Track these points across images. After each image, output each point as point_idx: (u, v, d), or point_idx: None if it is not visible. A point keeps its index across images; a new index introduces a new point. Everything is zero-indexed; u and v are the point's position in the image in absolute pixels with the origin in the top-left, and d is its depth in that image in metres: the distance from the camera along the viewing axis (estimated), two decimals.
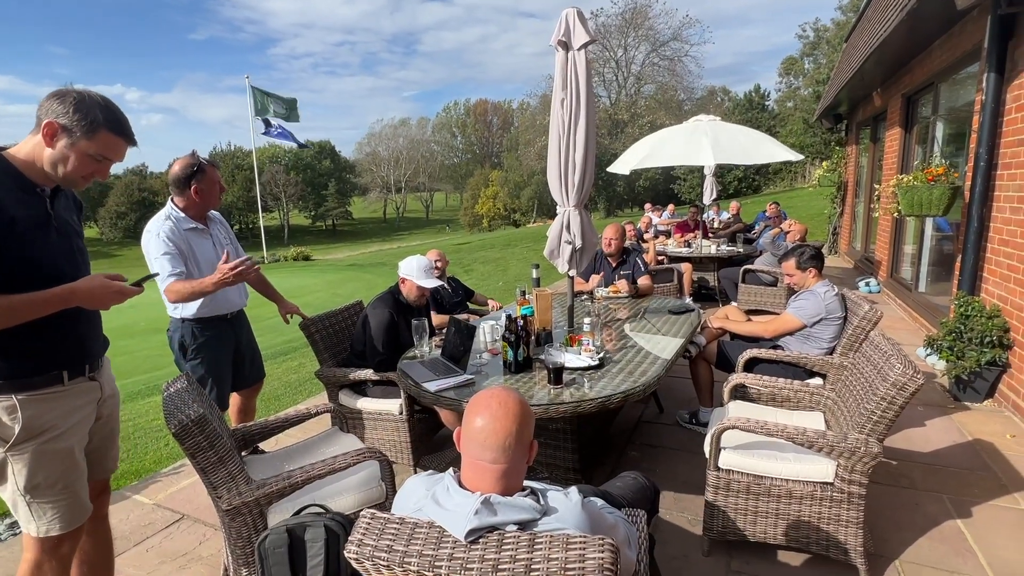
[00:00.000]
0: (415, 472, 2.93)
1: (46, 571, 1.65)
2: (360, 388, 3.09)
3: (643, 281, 4.23)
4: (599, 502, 1.40)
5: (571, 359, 2.55)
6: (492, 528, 1.09)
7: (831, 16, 35.33)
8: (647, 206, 13.12)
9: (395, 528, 1.13)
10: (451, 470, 1.22)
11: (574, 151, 2.88)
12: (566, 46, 2.79)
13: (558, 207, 3.04)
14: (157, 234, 2.49)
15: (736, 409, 2.66)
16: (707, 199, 8.30)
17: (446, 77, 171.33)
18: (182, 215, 2.59)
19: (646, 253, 6.64)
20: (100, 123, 1.52)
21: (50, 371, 1.57)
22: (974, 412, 3.66)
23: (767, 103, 39.29)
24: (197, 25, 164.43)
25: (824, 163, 11.79)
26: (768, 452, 2.21)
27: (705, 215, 9.22)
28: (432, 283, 3.08)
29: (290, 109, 20.74)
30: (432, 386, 2.38)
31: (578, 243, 3.01)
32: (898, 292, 6.55)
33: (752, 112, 37.07)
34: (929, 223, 5.82)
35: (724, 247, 7.39)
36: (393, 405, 2.93)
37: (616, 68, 39.29)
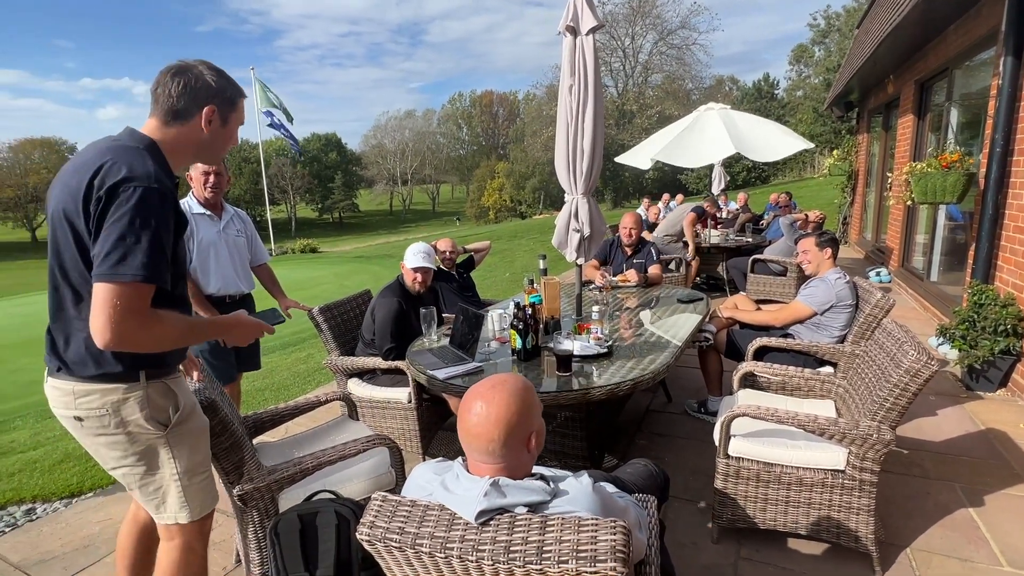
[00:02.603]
0: (424, 459, 2.94)
1: (197, 551, 1.64)
2: (369, 377, 3.10)
3: (653, 270, 4.21)
4: (610, 487, 1.39)
5: (579, 347, 2.55)
6: (502, 510, 1.08)
7: (842, 3, 34.78)
8: (665, 197, 12.81)
9: (407, 511, 1.13)
10: (460, 459, 1.22)
11: (582, 138, 2.86)
12: (574, 31, 2.76)
13: (566, 195, 3.02)
14: None
15: (746, 397, 2.64)
16: (716, 189, 8.24)
17: (451, 68, 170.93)
18: (194, 201, 2.82)
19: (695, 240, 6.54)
20: (239, 91, 1.52)
21: (175, 363, 1.59)
22: (987, 401, 3.62)
23: (776, 92, 38.81)
24: (203, 17, 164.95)
25: (835, 152, 11.63)
26: (778, 440, 2.20)
27: None
28: (416, 263, 3.09)
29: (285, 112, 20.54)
30: (442, 374, 2.38)
31: (586, 231, 3.00)
32: (909, 282, 6.48)
33: (761, 101, 36.67)
34: (942, 212, 5.74)
35: (733, 237, 7.34)
36: (402, 393, 2.94)
37: (623, 57, 38.90)
